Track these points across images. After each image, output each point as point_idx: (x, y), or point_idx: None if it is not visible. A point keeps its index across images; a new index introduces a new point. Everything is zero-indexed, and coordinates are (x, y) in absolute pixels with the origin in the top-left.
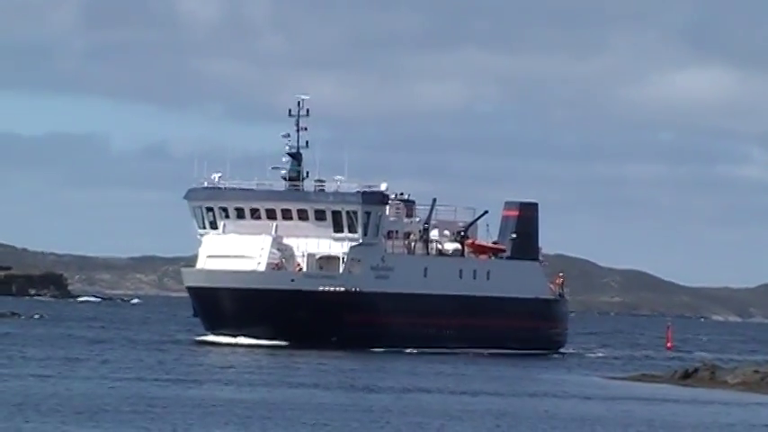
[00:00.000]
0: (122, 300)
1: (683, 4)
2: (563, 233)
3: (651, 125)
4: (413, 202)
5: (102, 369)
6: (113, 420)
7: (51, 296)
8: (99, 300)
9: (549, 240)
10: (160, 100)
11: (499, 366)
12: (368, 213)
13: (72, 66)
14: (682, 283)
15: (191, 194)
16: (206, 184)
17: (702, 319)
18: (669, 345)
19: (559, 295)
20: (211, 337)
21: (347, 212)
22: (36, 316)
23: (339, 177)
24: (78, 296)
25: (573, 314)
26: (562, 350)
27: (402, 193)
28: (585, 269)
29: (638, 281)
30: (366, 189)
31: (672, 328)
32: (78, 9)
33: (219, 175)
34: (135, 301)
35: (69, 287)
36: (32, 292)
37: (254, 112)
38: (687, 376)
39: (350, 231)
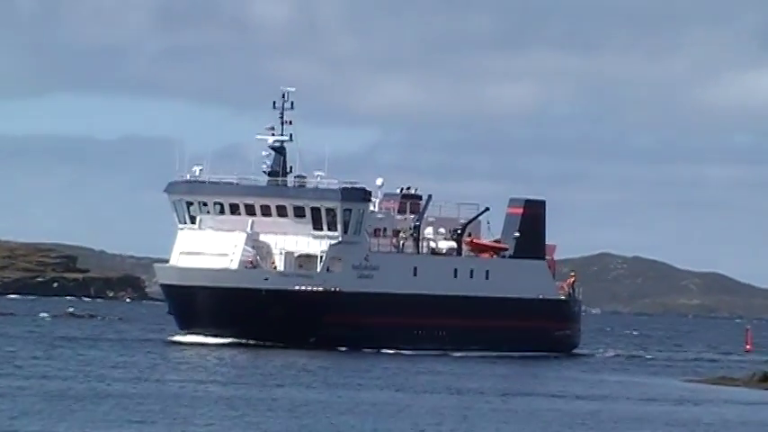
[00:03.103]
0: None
1: (758, 5)
2: (640, 235)
3: (727, 127)
4: (419, 197)
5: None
6: None
7: (129, 298)
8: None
9: (627, 242)
10: (234, 102)
11: (561, 369)
12: (348, 210)
13: (146, 69)
14: (760, 286)
15: (170, 188)
16: (188, 177)
17: (755, 321)
18: (748, 347)
19: (570, 295)
20: (183, 337)
21: (327, 209)
22: (98, 317)
23: (320, 173)
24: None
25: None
26: (575, 351)
27: (409, 188)
28: (664, 271)
29: (716, 283)
30: (347, 185)
31: (751, 331)
32: (151, 12)
33: (200, 168)
34: None
35: (147, 289)
36: (110, 294)
37: (328, 115)
38: (765, 379)
39: (329, 229)
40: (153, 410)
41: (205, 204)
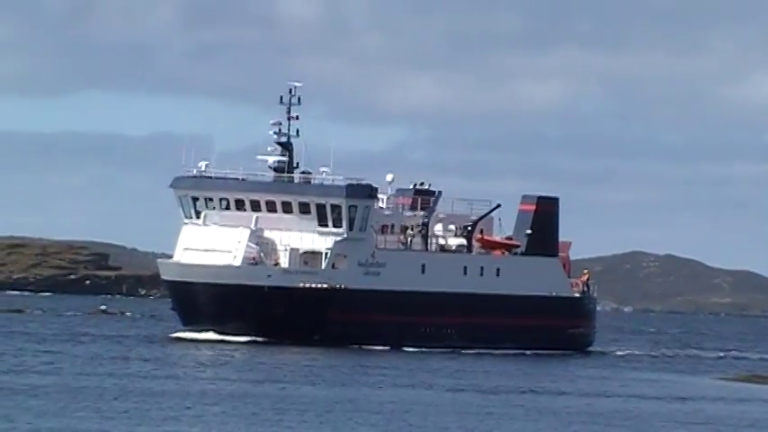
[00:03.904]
0: None
1: None
2: (670, 233)
3: (755, 124)
4: (432, 192)
5: None
6: None
7: (161, 296)
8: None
9: (659, 240)
10: (262, 100)
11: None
12: (354, 207)
13: (174, 66)
14: None
15: (176, 183)
16: (194, 173)
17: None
18: None
19: (584, 293)
20: (186, 334)
21: (332, 206)
22: (131, 314)
23: (325, 169)
24: None
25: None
26: (589, 349)
27: (422, 183)
28: (696, 269)
29: (748, 281)
30: (353, 181)
31: None
32: (179, 10)
33: (206, 163)
34: None
35: None
36: (142, 292)
37: (356, 113)
38: None
39: (335, 225)
40: (176, 408)
41: (211, 200)
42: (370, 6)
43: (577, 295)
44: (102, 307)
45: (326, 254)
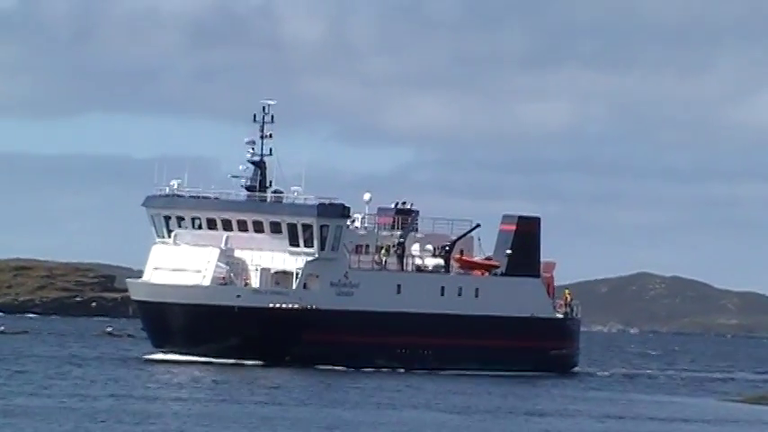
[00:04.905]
0: None
1: None
2: (677, 255)
3: (762, 145)
4: (410, 212)
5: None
6: None
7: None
8: None
9: (665, 262)
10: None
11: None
12: (326, 226)
13: (180, 88)
14: None
15: (148, 202)
16: (167, 191)
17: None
18: None
19: (566, 314)
20: (157, 355)
21: (303, 225)
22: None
23: (297, 188)
24: None
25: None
26: (574, 371)
27: (404, 202)
28: (703, 291)
29: (755, 303)
30: (324, 201)
31: None
32: (184, 32)
33: (178, 181)
34: None
35: None
36: None
37: (362, 134)
38: None
39: (306, 245)
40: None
41: (183, 219)
42: (375, 28)
43: (560, 316)
44: (108, 329)
45: (298, 274)
